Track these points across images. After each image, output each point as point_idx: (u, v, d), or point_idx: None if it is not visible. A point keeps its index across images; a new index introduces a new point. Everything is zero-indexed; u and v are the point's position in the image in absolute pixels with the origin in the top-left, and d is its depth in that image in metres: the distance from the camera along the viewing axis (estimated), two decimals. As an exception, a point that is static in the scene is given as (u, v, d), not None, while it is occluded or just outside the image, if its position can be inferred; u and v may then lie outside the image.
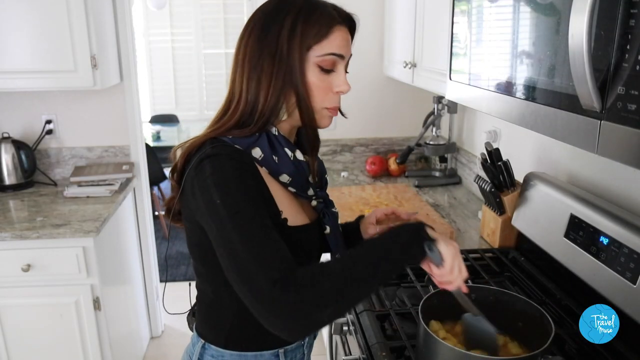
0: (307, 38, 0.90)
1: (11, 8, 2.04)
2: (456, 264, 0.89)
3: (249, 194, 0.87)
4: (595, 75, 0.72)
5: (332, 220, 1.05)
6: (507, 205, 1.59)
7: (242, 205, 0.85)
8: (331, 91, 0.95)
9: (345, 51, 0.94)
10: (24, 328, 2.03)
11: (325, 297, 0.80)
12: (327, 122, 1.00)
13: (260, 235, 0.84)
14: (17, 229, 1.92)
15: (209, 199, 0.86)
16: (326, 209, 1.05)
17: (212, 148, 0.90)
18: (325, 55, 0.92)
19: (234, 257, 0.83)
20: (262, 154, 0.94)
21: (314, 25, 0.90)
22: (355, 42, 1.02)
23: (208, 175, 0.87)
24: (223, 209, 0.85)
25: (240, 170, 0.89)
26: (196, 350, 1.07)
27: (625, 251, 1.09)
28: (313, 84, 0.93)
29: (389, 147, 2.73)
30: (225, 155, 0.89)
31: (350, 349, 1.36)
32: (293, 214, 0.99)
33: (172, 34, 5.78)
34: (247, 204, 0.86)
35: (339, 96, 0.98)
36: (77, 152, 2.55)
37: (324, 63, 0.92)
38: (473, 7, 1.21)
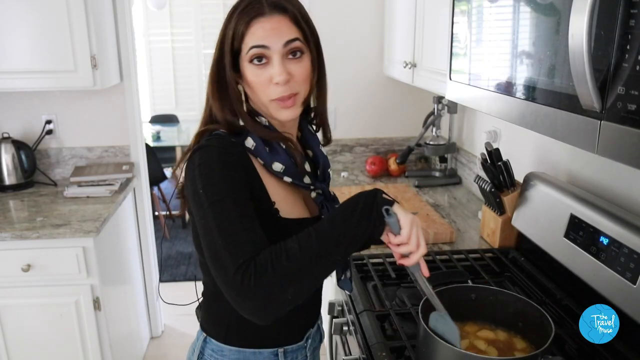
0: (230, 41, 0.94)
1: (11, 8, 2.04)
2: (414, 232, 0.87)
3: (232, 184, 0.89)
4: (595, 75, 0.72)
5: None
6: (507, 205, 1.59)
7: (223, 194, 0.87)
8: (271, 83, 0.94)
9: (269, 40, 0.92)
10: (24, 328, 2.03)
11: (286, 277, 0.81)
12: (284, 115, 0.97)
13: (236, 223, 0.85)
14: (17, 229, 1.92)
15: (195, 189, 0.89)
16: (326, 202, 1.05)
17: (206, 140, 0.94)
18: (249, 50, 0.93)
19: (211, 244, 0.85)
20: (254, 144, 0.96)
21: (234, 27, 0.93)
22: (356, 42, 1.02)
23: (196, 166, 0.91)
24: (205, 198, 0.87)
25: (226, 162, 0.91)
26: (198, 343, 1.09)
27: (625, 251, 1.09)
28: (252, 81, 0.95)
29: (389, 147, 2.73)
30: (216, 147, 0.92)
31: (350, 349, 1.36)
32: (288, 206, 1.00)
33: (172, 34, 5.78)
34: (228, 194, 0.88)
35: (284, 86, 0.94)
36: (77, 152, 2.55)
37: (251, 57, 0.93)
38: (473, 7, 1.21)
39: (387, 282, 1.42)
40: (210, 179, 0.89)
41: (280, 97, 0.94)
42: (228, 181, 0.89)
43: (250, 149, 0.96)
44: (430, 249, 1.66)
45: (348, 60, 2.60)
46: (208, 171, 0.90)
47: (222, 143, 0.94)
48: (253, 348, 1.05)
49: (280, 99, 0.94)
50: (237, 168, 0.92)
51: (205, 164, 0.90)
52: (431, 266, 1.47)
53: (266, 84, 0.94)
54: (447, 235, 1.71)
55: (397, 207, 0.88)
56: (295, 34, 0.94)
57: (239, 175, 0.92)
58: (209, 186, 0.88)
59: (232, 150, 0.93)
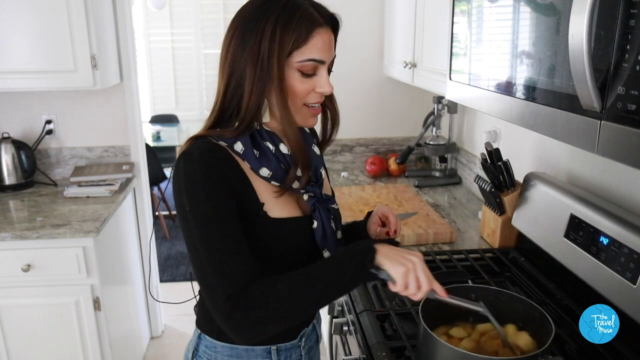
0: (286, 45, 0.90)
1: (11, 8, 2.04)
2: (411, 280, 0.89)
3: (217, 203, 0.90)
4: (595, 75, 0.72)
5: (323, 215, 1.04)
6: (507, 205, 1.59)
7: (208, 215, 0.89)
8: (313, 91, 0.96)
9: (326, 55, 0.94)
10: (24, 328, 2.03)
11: (273, 316, 0.87)
12: (312, 121, 1.00)
13: (222, 247, 0.88)
14: (17, 229, 1.92)
15: (181, 203, 0.91)
16: (318, 203, 1.04)
17: (190, 146, 0.94)
18: (305, 62, 0.92)
19: (198, 264, 0.89)
20: (243, 148, 0.96)
21: (292, 32, 0.90)
22: (355, 42, 1.03)
23: (181, 177, 0.91)
24: (191, 216, 0.90)
25: (209, 176, 0.91)
26: (194, 339, 1.11)
27: (625, 251, 1.09)
28: (294, 87, 0.94)
29: (389, 147, 2.73)
30: (198, 155, 0.92)
31: (350, 349, 1.36)
32: (279, 207, 1.00)
33: (172, 34, 5.77)
34: (214, 215, 0.90)
35: (321, 95, 0.98)
36: (77, 152, 2.55)
37: (305, 68, 0.93)
38: (473, 7, 1.22)
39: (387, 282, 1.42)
40: (195, 197, 0.90)
41: (315, 103, 0.98)
42: (213, 199, 0.90)
43: (238, 153, 0.96)
44: (430, 249, 1.66)
45: (348, 60, 2.60)
46: (192, 187, 0.90)
47: (205, 152, 0.93)
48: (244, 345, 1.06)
49: (315, 105, 0.98)
50: (221, 180, 0.92)
51: (189, 180, 0.91)
52: (431, 266, 1.47)
53: (307, 92, 0.95)
54: (447, 235, 1.71)
55: (387, 264, 0.88)
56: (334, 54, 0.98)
57: (223, 189, 0.92)
58: (195, 205, 0.90)
59: (214, 159, 0.92)
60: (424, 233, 1.70)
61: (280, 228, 1.00)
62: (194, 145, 0.94)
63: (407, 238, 1.68)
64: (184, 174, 0.91)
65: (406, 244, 1.68)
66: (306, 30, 0.91)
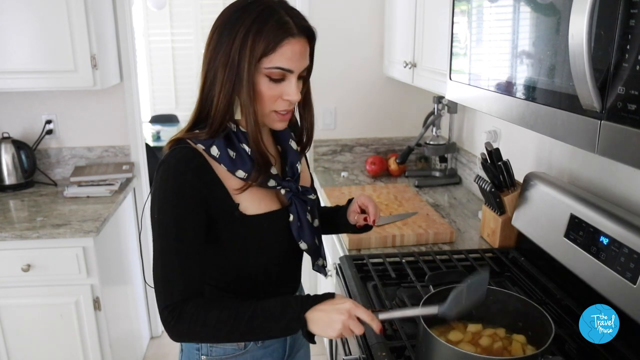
0: (256, 50, 0.93)
1: (11, 8, 2.04)
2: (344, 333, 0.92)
3: (182, 217, 0.96)
4: (595, 75, 0.72)
5: (299, 208, 1.08)
6: (507, 205, 1.59)
7: (171, 227, 0.96)
8: (281, 98, 0.98)
9: (295, 65, 0.96)
10: (24, 328, 2.03)
11: (197, 335, 0.98)
12: (279, 125, 1.04)
13: (174, 262, 0.96)
14: (17, 229, 1.92)
15: (152, 209, 0.98)
16: (295, 197, 1.08)
17: (168, 154, 0.99)
18: (273, 69, 0.95)
19: (153, 269, 0.97)
20: (218, 152, 0.99)
21: (264, 39, 0.93)
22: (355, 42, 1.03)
23: (157, 185, 0.97)
24: (157, 226, 0.97)
25: (181, 185, 0.96)
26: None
27: (625, 251, 1.09)
28: (262, 92, 0.97)
29: (389, 147, 2.73)
30: (173, 165, 0.97)
31: (350, 349, 1.36)
32: (255, 204, 1.04)
33: (172, 34, 5.77)
34: (177, 227, 0.96)
35: (289, 103, 1.00)
36: (77, 152, 2.55)
37: (272, 75, 0.96)
38: (473, 7, 1.21)
39: (387, 282, 1.42)
40: (164, 208, 0.96)
41: (283, 111, 1.00)
42: (178, 214, 0.96)
43: (215, 157, 0.99)
44: (430, 249, 1.66)
45: (348, 60, 2.60)
46: (163, 198, 0.96)
47: (180, 161, 0.97)
48: None
49: (283, 112, 1.00)
50: (190, 195, 0.96)
51: (162, 190, 0.96)
52: (431, 266, 1.48)
53: (275, 98, 0.98)
54: (447, 235, 1.71)
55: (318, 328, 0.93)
56: (308, 61, 1.01)
57: (191, 205, 0.97)
58: (162, 214, 0.96)
59: (188, 170, 0.96)
60: (424, 233, 1.70)
61: (259, 224, 1.04)
62: (172, 153, 0.98)
63: (407, 238, 1.68)
64: (159, 183, 0.97)
65: (406, 244, 1.68)
66: (276, 39, 0.93)
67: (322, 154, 2.68)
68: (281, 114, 1.01)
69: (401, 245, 1.68)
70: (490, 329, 1.06)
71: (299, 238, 1.09)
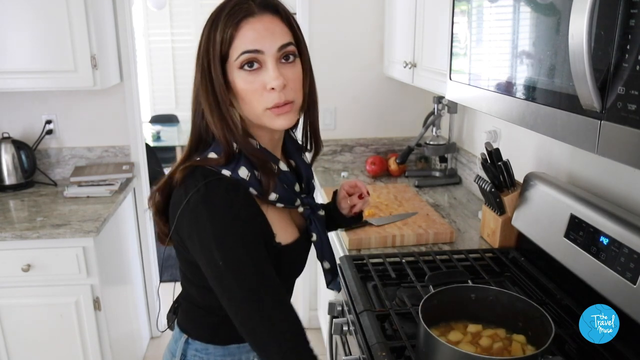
0: (219, 47, 0.86)
1: (11, 8, 2.04)
2: None
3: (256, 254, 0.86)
4: (595, 75, 0.72)
5: (319, 226, 1.05)
6: (507, 205, 1.59)
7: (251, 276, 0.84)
8: (265, 90, 0.87)
9: (263, 44, 0.85)
10: (24, 328, 2.03)
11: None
12: (279, 122, 0.90)
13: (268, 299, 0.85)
14: (17, 229, 1.92)
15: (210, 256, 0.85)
16: (313, 214, 1.04)
17: (205, 186, 0.86)
18: (240, 55, 0.85)
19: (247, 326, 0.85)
20: (248, 174, 0.90)
21: (221, 31, 0.85)
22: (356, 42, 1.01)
23: (206, 223, 0.84)
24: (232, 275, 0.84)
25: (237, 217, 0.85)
26: (179, 346, 1.07)
27: (626, 251, 1.09)
28: (243, 90, 0.87)
29: (389, 147, 2.73)
30: (221, 196, 0.86)
31: (350, 349, 1.36)
32: (283, 230, 0.97)
33: (172, 34, 5.77)
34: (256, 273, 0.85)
35: (279, 93, 0.87)
36: (77, 152, 2.55)
37: (242, 62, 0.86)
38: (473, 7, 1.21)
39: (387, 282, 1.42)
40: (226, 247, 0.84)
41: (275, 105, 0.88)
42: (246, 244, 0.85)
43: (245, 180, 0.89)
44: (430, 249, 1.66)
45: (348, 60, 2.60)
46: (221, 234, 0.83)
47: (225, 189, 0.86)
48: (237, 343, 1.05)
49: (276, 106, 0.88)
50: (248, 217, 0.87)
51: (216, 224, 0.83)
52: (431, 266, 1.48)
53: (260, 92, 0.87)
54: (447, 235, 1.71)
55: None
56: (289, 38, 0.89)
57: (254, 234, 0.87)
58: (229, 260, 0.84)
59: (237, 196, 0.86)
60: (424, 233, 1.70)
61: (290, 254, 0.98)
62: (210, 185, 0.86)
63: (407, 238, 1.68)
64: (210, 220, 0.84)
65: (406, 244, 1.68)
66: (233, 24, 0.85)
67: (322, 154, 2.68)
68: (277, 108, 0.88)
69: (401, 245, 1.68)
70: (490, 329, 1.06)
71: (322, 258, 1.04)
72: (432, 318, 1.04)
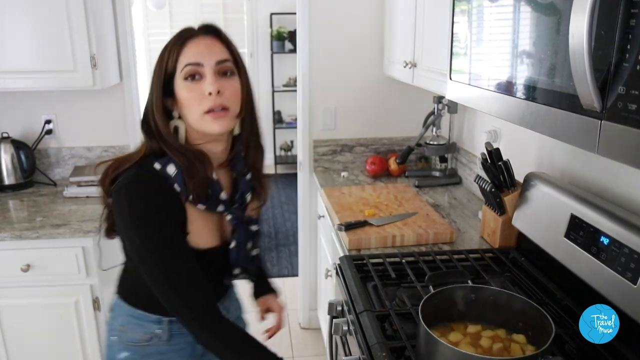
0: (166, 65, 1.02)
1: (11, 8, 2.04)
2: None
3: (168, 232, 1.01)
4: (595, 75, 0.72)
5: (242, 236, 1.13)
6: (508, 205, 1.59)
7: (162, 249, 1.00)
8: (203, 96, 1.02)
9: (203, 58, 1.01)
10: (24, 328, 2.03)
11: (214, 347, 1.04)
12: (216, 126, 1.03)
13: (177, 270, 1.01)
14: (16, 229, 1.92)
15: (129, 237, 1.01)
16: (239, 225, 1.13)
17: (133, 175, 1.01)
18: (183, 68, 1.01)
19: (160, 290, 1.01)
20: (175, 171, 1.02)
21: (169, 50, 1.02)
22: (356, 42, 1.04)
23: (124, 209, 1.00)
24: (145, 250, 1.00)
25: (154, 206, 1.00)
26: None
27: (626, 251, 1.08)
28: (185, 97, 1.02)
29: (389, 147, 2.73)
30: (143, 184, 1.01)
31: (350, 349, 1.36)
32: (199, 235, 1.08)
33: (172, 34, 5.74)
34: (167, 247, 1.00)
35: (216, 97, 1.02)
36: (77, 152, 2.55)
37: (186, 74, 1.01)
38: (473, 7, 1.21)
39: (387, 282, 1.42)
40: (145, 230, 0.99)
41: (213, 107, 1.01)
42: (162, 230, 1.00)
43: (170, 176, 1.02)
44: (430, 249, 1.66)
45: (348, 60, 2.59)
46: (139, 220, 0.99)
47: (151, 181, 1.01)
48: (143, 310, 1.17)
49: (213, 108, 1.01)
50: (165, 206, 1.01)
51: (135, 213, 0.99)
52: (431, 266, 1.48)
53: (199, 98, 1.01)
54: (447, 235, 1.71)
55: None
56: (227, 56, 1.05)
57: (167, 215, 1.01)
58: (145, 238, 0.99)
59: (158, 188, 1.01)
60: (424, 233, 1.70)
61: (202, 259, 1.07)
62: (135, 175, 1.02)
63: (407, 238, 1.68)
64: (129, 208, 0.99)
65: (406, 244, 1.68)
66: (178, 43, 1.02)
67: (322, 154, 2.68)
68: (214, 112, 1.02)
69: (401, 245, 1.68)
70: (490, 330, 1.06)
71: (235, 264, 1.14)
72: (432, 318, 1.04)
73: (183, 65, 1.01)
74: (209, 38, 1.04)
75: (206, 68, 1.01)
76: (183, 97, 1.02)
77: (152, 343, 1.16)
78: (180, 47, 1.02)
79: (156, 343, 1.17)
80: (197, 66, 1.01)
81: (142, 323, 1.16)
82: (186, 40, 1.02)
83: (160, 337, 1.16)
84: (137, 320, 1.17)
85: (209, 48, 1.02)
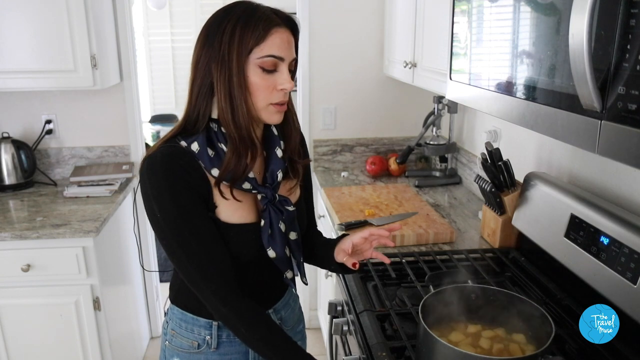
0: (246, 41, 0.96)
1: (11, 8, 2.04)
2: None
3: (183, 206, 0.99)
4: (595, 75, 0.72)
5: (273, 215, 1.08)
6: (508, 205, 1.59)
7: (178, 220, 0.99)
8: (275, 89, 1.01)
9: (285, 53, 1.00)
10: (24, 328, 2.03)
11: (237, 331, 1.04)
12: (276, 117, 1.05)
13: (197, 250, 1.00)
14: (17, 229, 1.92)
15: (150, 207, 1.00)
16: (270, 204, 1.08)
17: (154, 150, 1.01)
18: (265, 57, 0.98)
19: (180, 266, 1.01)
20: (198, 148, 1.01)
21: (252, 29, 0.96)
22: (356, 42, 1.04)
23: (146, 181, 0.99)
24: (163, 222, 0.99)
25: (171, 180, 0.98)
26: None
27: (626, 251, 1.08)
28: (256, 84, 0.99)
29: (389, 147, 2.73)
30: (160, 160, 0.99)
31: (350, 349, 1.36)
32: (231, 210, 1.06)
33: (172, 34, 5.77)
34: (183, 218, 0.99)
35: (284, 93, 1.03)
36: (77, 152, 2.55)
37: (265, 64, 0.98)
38: (473, 7, 1.21)
39: (387, 282, 1.42)
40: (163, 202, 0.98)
41: (279, 102, 1.02)
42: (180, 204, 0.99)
43: (194, 153, 1.01)
44: (430, 249, 1.66)
45: (348, 60, 2.59)
46: (158, 193, 0.98)
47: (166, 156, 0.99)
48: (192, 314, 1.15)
49: (279, 103, 1.02)
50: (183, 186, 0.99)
51: (154, 185, 0.98)
52: (431, 266, 1.48)
53: (270, 89, 1.00)
54: (447, 235, 1.71)
55: None
56: (295, 54, 1.04)
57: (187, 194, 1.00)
58: (164, 210, 0.98)
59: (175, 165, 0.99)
60: (424, 233, 1.70)
61: (227, 232, 1.05)
62: (158, 149, 1.01)
63: (407, 238, 1.68)
64: (149, 179, 0.99)
65: (406, 244, 1.68)
66: (264, 28, 0.97)
67: (322, 154, 2.68)
68: (279, 105, 1.03)
69: (401, 245, 1.68)
70: (490, 329, 1.06)
71: (267, 245, 1.09)
72: (432, 318, 1.04)
73: (266, 53, 0.97)
74: (289, 32, 1.01)
75: (285, 63, 1.00)
76: (253, 82, 0.99)
77: (202, 351, 1.14)
78: (267, 32, 0.97)
79: (205, 351, 1.14)
80: (279, 60, 0.99)
81: (192, 327, 1.15)
82: (273, 27, 0.98)
83: (210, 345, 1.14)
84: (187, 325, 1.15)
85: (289, 44, 1.01)
